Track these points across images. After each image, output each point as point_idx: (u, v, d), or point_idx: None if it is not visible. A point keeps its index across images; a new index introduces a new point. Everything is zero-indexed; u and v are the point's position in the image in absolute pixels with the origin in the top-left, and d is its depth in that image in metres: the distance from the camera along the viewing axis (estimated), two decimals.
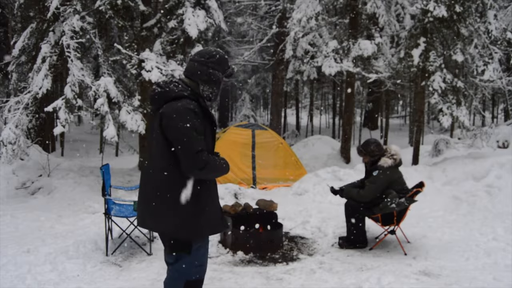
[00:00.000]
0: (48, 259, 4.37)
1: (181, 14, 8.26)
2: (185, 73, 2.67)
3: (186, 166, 2.46)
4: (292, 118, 27.42)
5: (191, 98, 2.53)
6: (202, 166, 2.44)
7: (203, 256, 2.69)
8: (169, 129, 2.48)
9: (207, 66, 2.59)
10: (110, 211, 4.75)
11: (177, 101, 2.51)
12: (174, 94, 2.54)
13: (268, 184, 8.81)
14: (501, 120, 22.10)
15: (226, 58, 2.69)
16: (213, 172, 2.55)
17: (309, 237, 5.43)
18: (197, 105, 2.53)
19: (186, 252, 2.58)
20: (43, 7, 8.13)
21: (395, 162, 4.90)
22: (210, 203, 2.63)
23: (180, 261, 2.62)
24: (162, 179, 2.54)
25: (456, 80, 8.53)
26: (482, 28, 8.60)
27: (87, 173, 8.46)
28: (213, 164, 2.51)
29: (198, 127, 2.47)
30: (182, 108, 2.47)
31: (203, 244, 2.67)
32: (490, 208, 6.19)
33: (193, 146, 2.44)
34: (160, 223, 2.58)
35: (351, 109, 12.46)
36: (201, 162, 2.44)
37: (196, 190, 2.54)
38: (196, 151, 2.43)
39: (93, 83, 7.05)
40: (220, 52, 2.68)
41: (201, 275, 2.72)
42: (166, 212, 2.54)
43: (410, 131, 17.82)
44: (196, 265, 2.65)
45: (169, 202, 2.52)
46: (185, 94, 2.54)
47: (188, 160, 2.45)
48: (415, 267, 4.29)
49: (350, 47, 10.03)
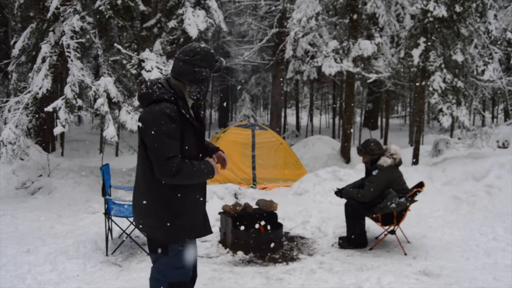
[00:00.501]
0: (48, 259, 4.37)
1: (181, 14, 8.27)
2: (171, 73, 2.59)
3: (157, 172, 2.44)
4: (292, 118, 27.42)
5: (170, 101, 2.46)
6: (173, 173, 2.39)
7: (185, 260, 2.63)
8: (143, 134, 2.47)
9: (192, 65, 2.49)
10: (110, 211, 4.74)
11: (156, 104, 2.46)
12: (155, 97, 2.48)
13: (268, 184, 8.81)
14: (501, 120, 22.10)
15: (212, 53, 2.57)
16: (187, 179, 2.47)
17: (309, 237, 5.43)
18: (175, 109, 2.45)
19: (163, 254, 2.59)
20: (43, 7, 8.13)
21: (395, 162, 4.91)
22: (190, 208, 2.59)
23: (158, 261, 2.64)
24: (143, 182, 2.56)
25: (456, 80, 8.53)
26: (482, 28, 8.60)
27: (87, 173, 8.46)
28: (187, 171, 2.43)
29: (172, 132, 2.41)
30: (157, 113, 2.42)
31: (184, 248, 2.62)
32: (490, 208, 6.19)
33: (164, 153, 2.39)
34: (143, 225, 2.65)
35: (351, 109, 12.46)
36: (171, 169, 2.38)
37: (175, 194, 2.51)
38: (166, 158, 2.38)
39: (93, 83, 7.05)
40: (205, 48, 2.56)
41: (183, 278, 2.65)
42: (146, 213, 2.58)
43: (410, 131, 17.83)
44: (176, 268, 2.60)
45: (148, 204, 2.54)
46: (166, 97, 2.46)
47: (158, 166, 2.42)
48: (415, 267, 4.29)
49: (350, 47, 10.04)
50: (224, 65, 2.64)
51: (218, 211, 5.33)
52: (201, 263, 4.50)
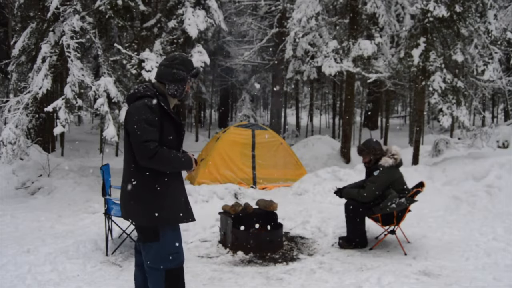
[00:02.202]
0: (48, 259, 4.37)
1: (181, 14, 8.27)
2: (155, 77, 2.97)
3: (136, 155, 2.67)
4: (292, 118, 27.42)
5: (152, 96, 2.78)
6: (151, 155, 2.62)
7: (175, 244, 2.81)
8: (127, 124, 2.76)
9: (171, 67, 2.87)
10: (110, 211, 4.75)
11: (140, 99, 2.78)
12: (139, 94, 2.81)
13: (268, 184, 8.81)
14: (501, 120, 22.11)
15: (190, 60, 2.95)
16: (165, 163, 2.69)
17: (309, 237, 5.43)
18: (156, 102, 2.76)
19: (155, 240, 2.76)
20: (43, 7, 8.14)
21: (396, 162, 4.91)
22: (172, 192, 2.80)
23: (150, 251, 2.80)
24: (129, 171, 2.80)
25: (456, 80, 8.52)
26: (482, 28, 8.60)
27: (87, 173, 8.46)
28: (164, 155, 2.66)
29: (152, 121, 2.68)
30: (139, 105, 2.74)
31: (171, 231, 2.80)
32: (490, 208, 6.20)
33: (142, 136, 2.63)
34: (128, 212, 2.83)
35: (351, 109, 12.46)
36: (149, 151, 2.62)
37: (157, 179, 2.74)
38: (144, 140, 2.62)
39: (93, 83, 7.05)
40: (183, 55, 2.98)
41: (178, 263, 2.84)
42: (129, 201, 2.80)
43: (410, 131, 17.82)
44: (170, 253, 2.79)
45: (132, 191, 2.77)
46: (148, 93, 2.79)
47: (137, 150, 2.66)
48: (415, 267, 4.29)
49: (350, 47, 10.03)
50: (200, 71, 2.99)
51: (218, 211, 5.33)
52: (201, 263, 4.50)
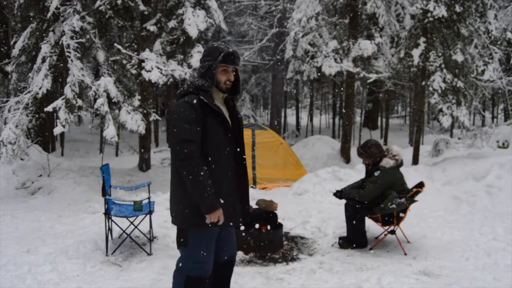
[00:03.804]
0: (48, 259, 4.37)
1: (181, 14, 8.27)
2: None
3: (171, 153, 2.61)
4: (292, 118, 27.41)
5: (193, 93, 2.69)
6: (183, 158, 2.50)
7: (203, 254, 2.69)
8: (167, 123, 2.74)
9: (200, 62, 2.82)
10: (110, 211, 4.75)
11: (182, 97, 2.72)
12: (183, 92, 2.75)
13: (268, 184, 8.80)
14: (501, 120, 22.09)
15: (216, 47, 2.75)
16: (189, 176, 2.49)
17: (309, 237, 5.43)
18: (198, 98, 2.65)
19: (184, 244, 2.71)
20: (43, 7, 8.14)
21: (397, 163, 4.89)
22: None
23: (181, 254, 2.78)
24: (173, 172, 2.72)
25: (456, 80, 8.52)
26: (482, 28, 8.59)
27: (87, 173, 8.46)
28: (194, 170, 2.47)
29: (190, 119, 2.57)
30: (180, 103, 2.66)
31: (204, 240, 2.68)
32: (490, 208, 6.19)
33: (179, 136, 2.53)
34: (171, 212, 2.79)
35: (351, 109, 12.46)
36: (183, 154, 2.49)
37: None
38: (180, 141, 2.52)
39: (93, 83, 7.05)
40: (209, 45, 2.86)
41: (201, 273, 2.71)
42: (173, 202, 2.76)
43: (410, 131, 17.81)
44: (195, 262, 2.69)
45: (175, 193, 2.73)
46: (190, 90, 2.72)
47: (172, 149, 2.58)
48: (415, 267, 4.29)
49: (350, 47, 10.03)
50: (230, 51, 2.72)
51: None
52: None
